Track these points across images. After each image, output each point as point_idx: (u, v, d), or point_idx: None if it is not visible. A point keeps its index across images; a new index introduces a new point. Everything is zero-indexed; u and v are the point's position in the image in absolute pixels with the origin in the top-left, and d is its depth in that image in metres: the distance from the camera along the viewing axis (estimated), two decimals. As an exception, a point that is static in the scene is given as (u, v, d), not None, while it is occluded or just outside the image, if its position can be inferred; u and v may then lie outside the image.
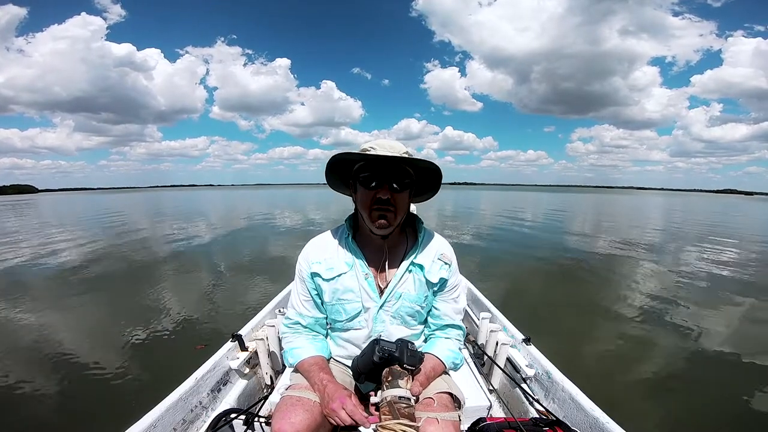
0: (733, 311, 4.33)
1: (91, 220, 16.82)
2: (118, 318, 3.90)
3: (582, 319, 4.00)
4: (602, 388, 2.40)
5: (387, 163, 0.94)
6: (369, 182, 0.95)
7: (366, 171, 0.96)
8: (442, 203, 26.50)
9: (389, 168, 0.94)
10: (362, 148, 0.97)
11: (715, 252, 8.26)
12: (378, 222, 0.96)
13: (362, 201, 0.98)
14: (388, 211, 0.96)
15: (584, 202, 36.43)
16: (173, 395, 1.21)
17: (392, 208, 0.96)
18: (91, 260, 7.02)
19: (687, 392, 2.66)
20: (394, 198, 0.95)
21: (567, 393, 1.30)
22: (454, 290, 1.13)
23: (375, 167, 0.95)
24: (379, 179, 0.94)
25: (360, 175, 0.97)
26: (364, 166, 0.97)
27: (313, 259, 1.07)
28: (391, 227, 0.99)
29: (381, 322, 1.05)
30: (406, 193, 0.98)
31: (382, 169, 0.94)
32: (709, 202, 50.18)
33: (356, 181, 0.99)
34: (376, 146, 0.96)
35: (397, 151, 0.95)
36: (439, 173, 0.99)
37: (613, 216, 19.80)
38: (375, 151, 0.95)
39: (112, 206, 28.41)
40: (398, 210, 0.97)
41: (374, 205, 0.95)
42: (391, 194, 0.94)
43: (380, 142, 0.97)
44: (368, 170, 0.95)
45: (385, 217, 0.96)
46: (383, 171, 0.94)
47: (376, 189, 0.95)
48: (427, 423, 0.86)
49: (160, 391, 1.22)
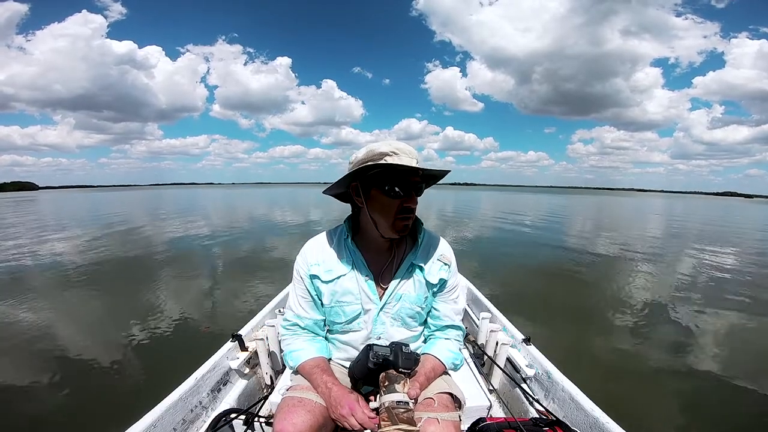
0: (734, 312, 4.33)
1: (91, 217, 16.78)
2: (118, 317, 3.89)
3: (582, 320, 4.00)
4: (602, 388, 2.41)
5: (410, 171, 0.93)
6: (396, 191, 0.93)
7: (391, 180, 0.93)
8: (442, 203, 26.49)
9: (412, 176, 0.94)
10: (380, 152, 0.92)
11: (715, 254, 8.28)
12: (402, 229, 0.98)
13: (385, 209, 0.96)
14: (410, 219, 0.98)
15: (585, 204, 36.45)
16: (173, 395, 1.21)
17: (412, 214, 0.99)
18: (91, 259, 7.01)
19: (687, 392, 2.66)
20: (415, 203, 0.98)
21: (567, 393, 1.30)
22: (454, 291, 1.13)
23: (400, 176, 0.93)
24: (406, 189, 0.94)
25: (384, 184, 0.93)
26: (385, 174, 0.93)
27: (311, 260, 1.06)
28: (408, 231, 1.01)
29: (381, 324, 1.04)
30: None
31: (407, 177, 0.94)
32: (709, 205, 50.24)
33: (371, 188, 0.96)
34: (398, 151, 0.92)
35: (414, 156, 0.95)
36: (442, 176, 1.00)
37: (613, 218, 19.82)
38: (398, 158, 0.92)
39: (112, 204, 28.38)
40: (414, 214, 1.00)
41: (400, 214, 0.95)
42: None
43: (399, 147, 0.93)
44: (393, 179, 0.93)
45: (408, 224, 0.98)
46: (408, 179, 0.94)
47: (403, 198, 0.94)
48: (428, 423, 0.86)
49: (160, 391, 1.22)
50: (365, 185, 0.97)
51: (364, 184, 0.97)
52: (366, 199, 0.98)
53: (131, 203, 31.04)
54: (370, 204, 0.97)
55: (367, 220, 1.00)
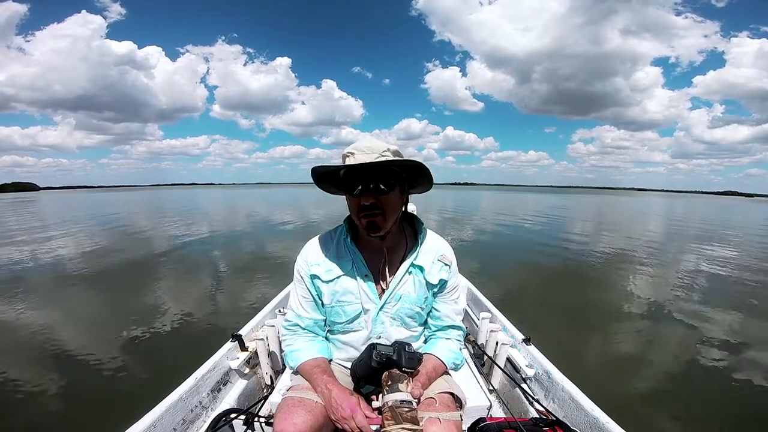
0: (735, 312, 4.32)
1: (92, 217, 16.78)
2: (119, 317, 3.90)
3: (582, 319, 4.00)
4: (602, 388, 2.40)
5: (367, 167, 0.92)
6: (351, 190, 0.94)
7: (347, 178, 0.94)
8: (443, 203, 26.49)
9: (371, 172, 0.92)
10: (343, 154, 0.95)
11: (716, 253, 8.27)
12: (366, 227, 0.96)
13: (350, 208, 0.99)
14: (375, 216, 0.94)
15: (585, 204, 36.42)
16: (173, 395, 1.21)
17: (379, 211, 0.94)
18: (92, 258, 7.02)
19: (687, 392, 2.66)
20: (381, 200, 0.93)
21: (567, 393, 1.30)
22: (454, 291, 1.13)
23: (356, 173, 0.93)
24: (360, 186, 0.93)
25: (344, 182, 0.96)
26: (346, 173, 0.95)
27: (311, 260, 1.06)
28: (383, 229, 0.97)
29: (381, 323, 1.04)
30: (394, 192, 0.96)
31: (363, 174, 0.92)
32: (709, 204, 50.20)
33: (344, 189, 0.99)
34: (355, 150, 0.93)
35: (376, 151, 0.92)
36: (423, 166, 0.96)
37: (614, 217, 19.80)
38: (353, 157, 0.92)
39: (113, 204, 28.41)
40: (388, 211, 0.95)
41: (361, 212, 0.95)
42: (376, 198, 0.92)
43: (358, 145, 0.94)
44: (349, 177, 0.94)
45: (374, 221, 0.95)
46: (364, 176, 0.92)
47: (359, 196, 0.93)
48: (429, 423, 0.86)
49: (160, 391, 1.22)
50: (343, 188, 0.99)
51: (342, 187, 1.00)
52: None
53: (132, 204, 31.07)
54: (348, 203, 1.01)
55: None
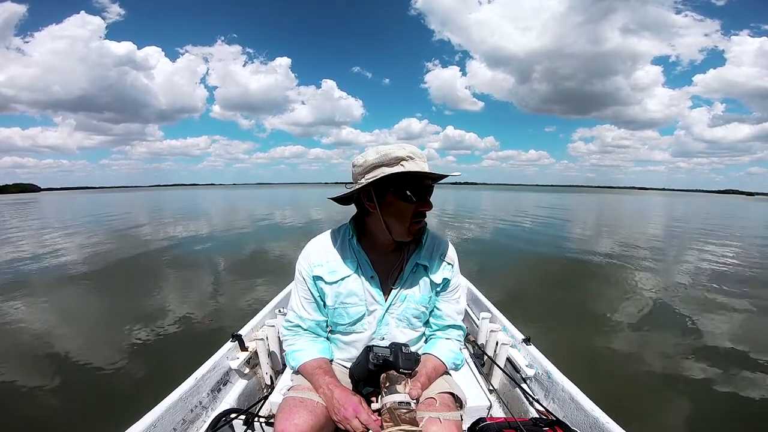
0: (735, 312, 4.31)
1: (93, 218, 16.81)
2: (118, 317, 3.90)
3: (582, 319, 3.99)
4: (602, 388, 2.40)
5: (424, 176, 0.93)
6: (411, 196, 0.93)
7: (406, 184, 0.93)
8: (442, 203, 26.49)
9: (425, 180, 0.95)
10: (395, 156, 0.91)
11: (715, 253, 8.25)
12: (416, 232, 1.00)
13: (400, 213, 0.95)
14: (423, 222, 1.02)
15: (586, 203, 36.40)
16: (173, 395, 1.21)
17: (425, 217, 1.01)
18: (92, 258, 7.03)
19: (687, 392, 2.65)
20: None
21: (567, 393, 1.30)
22: (456, 290, 1.13)
23: (415, 180, 0.93)
24: (421, 193, 0.95)
25: (399, 189, 0.93)
26: (401, 179, 0.92)
27: (315, 261, 1.05)
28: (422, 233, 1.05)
29: (386, 325, 1.04)
30: None
31: (422, 181, 0.94)
32: (710, 203, 50.14)
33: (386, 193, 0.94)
34: (413, 156, 0.92)
35: (425, 160, 0.96)
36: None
37: (614, 216, 19.78)
38: (414, 163, 0.92)
39: (114, 205, 28.42)
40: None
41: (415, 218, 0.97)
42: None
43: (414, 152, 0.93)
44: (408, 184, 0.93)
45: (421, 227, 1.02)
46: (423, 184, 0.94)
47: (418, 202, 0.95)
48: (429, 423, 0.86)
49: (161, 391, 1.22)
50: (379, 190, 0.95)
51: (377, 189, 0.95)
52: (380, 203, 0.96)
53: (133, 204, 31.10)
54: (385, 208, 0.96)
55: (378, 224, 0.99)
